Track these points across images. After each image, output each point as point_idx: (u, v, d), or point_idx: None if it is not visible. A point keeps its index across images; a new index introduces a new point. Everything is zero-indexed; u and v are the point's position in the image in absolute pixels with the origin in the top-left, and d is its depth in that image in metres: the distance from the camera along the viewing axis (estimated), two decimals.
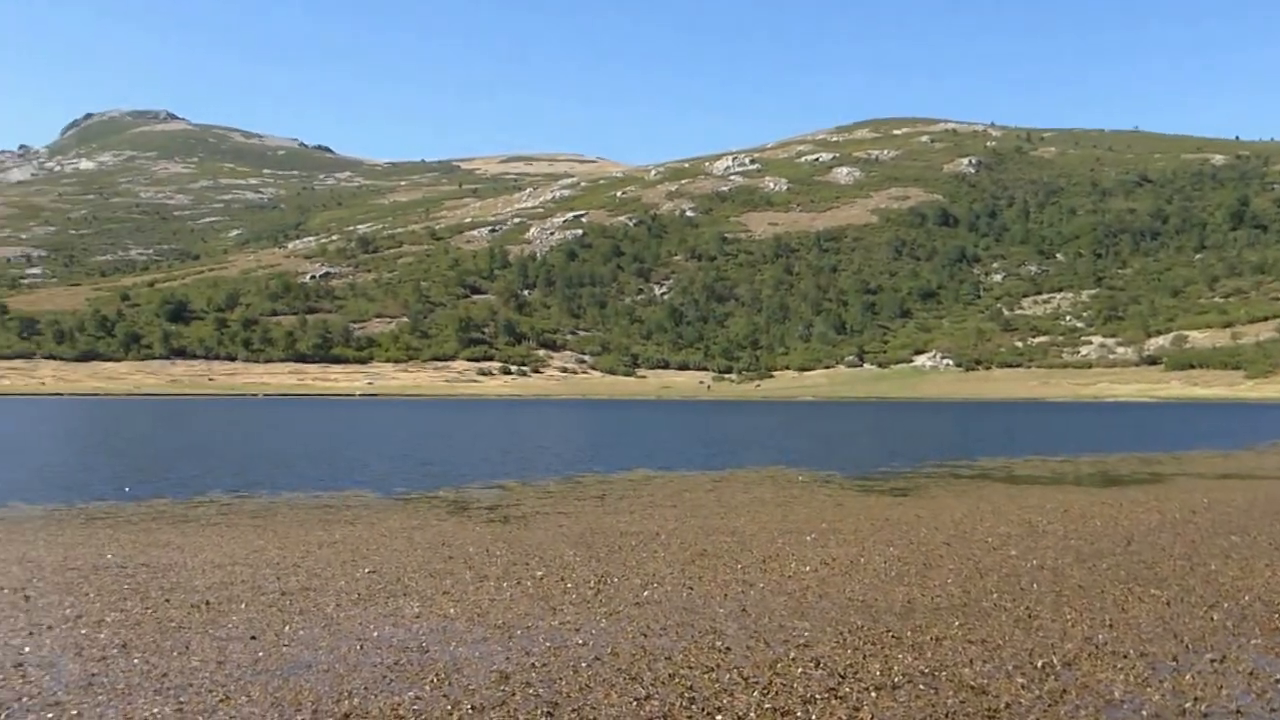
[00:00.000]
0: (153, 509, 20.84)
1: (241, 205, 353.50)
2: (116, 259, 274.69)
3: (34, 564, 14.11)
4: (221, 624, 10.65)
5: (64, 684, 8.50)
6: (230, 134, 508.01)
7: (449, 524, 18.67)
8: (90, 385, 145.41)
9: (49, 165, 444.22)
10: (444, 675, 8.79)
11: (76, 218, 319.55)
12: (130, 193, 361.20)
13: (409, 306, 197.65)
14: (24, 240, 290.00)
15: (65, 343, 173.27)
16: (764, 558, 14.84)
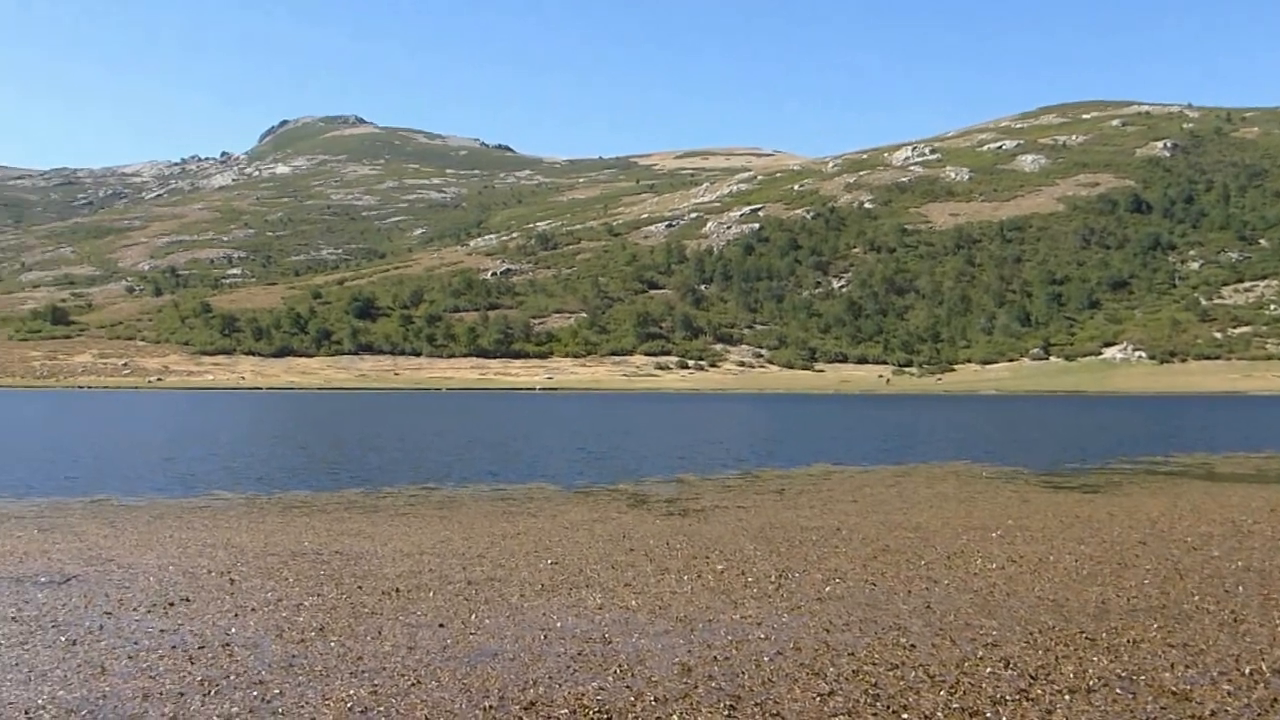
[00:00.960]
0: (344, 499, 21.61)
1: (425, 205, 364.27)
2: (309, 259, 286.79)
3: (237, 549, 14.78)
4: (411, 611, 10.92)
5: (267, 664, 8.85)
6: (414, 136, 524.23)
7: (629, 517, 18.78)
8: (285, 380, 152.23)
9: (248, 171, 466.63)
10: (627, 666, 8.80)
11: (273, 220, 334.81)
12: (321, 195, 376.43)
13: (587, 302, 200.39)
14: (225, 242, 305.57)
15: (262, 339, 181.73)
16: (948, 554, 14.44)
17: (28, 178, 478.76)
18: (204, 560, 13.81)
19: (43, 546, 14.93)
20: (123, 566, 13.31)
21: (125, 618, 10.51)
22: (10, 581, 12.28)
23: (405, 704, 7.81)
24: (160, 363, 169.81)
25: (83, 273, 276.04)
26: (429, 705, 7.79)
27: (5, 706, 7.67)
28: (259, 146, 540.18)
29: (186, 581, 12.36)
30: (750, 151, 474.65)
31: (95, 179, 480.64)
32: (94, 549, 14.72)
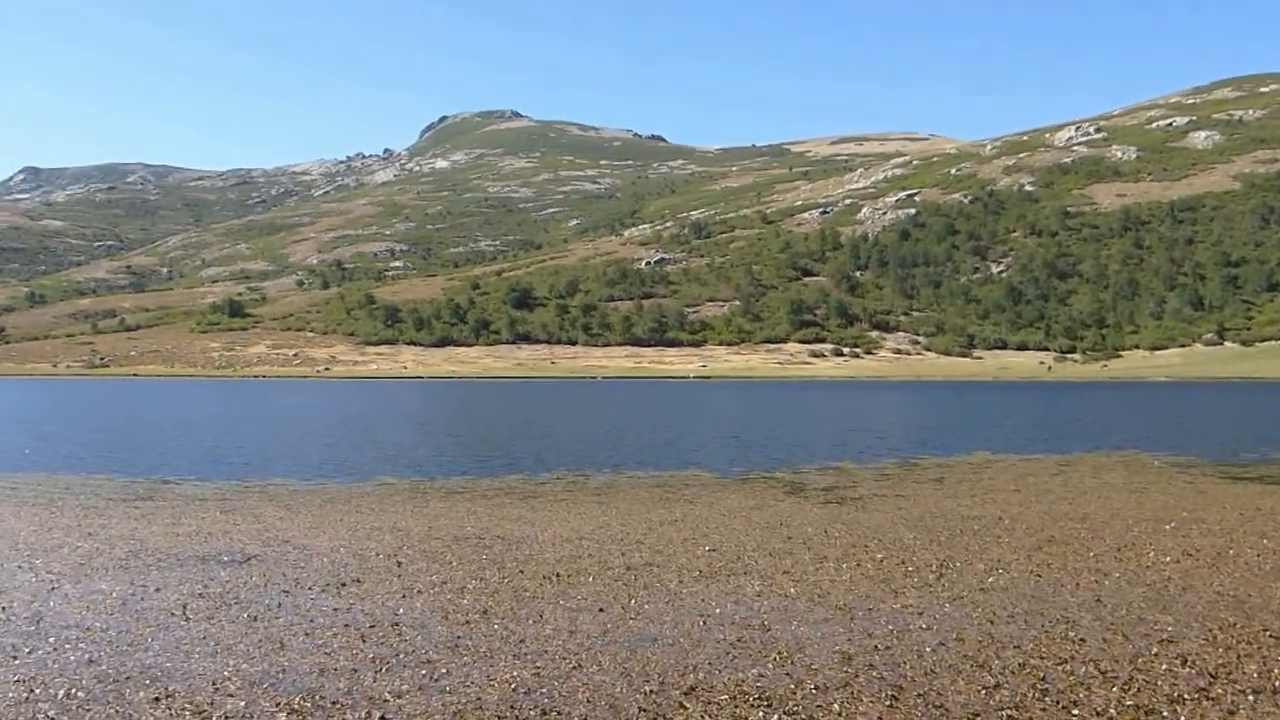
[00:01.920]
0: (504, 485, 22.04)
1: (580, 196, 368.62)
2: (468, 251, 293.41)
3: (403, 533, 15.23)
4: (571, 595, 11.08)
5: (434, 644, 9.10)
6: (568, 128, 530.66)
7: (786, 505, 18.69)
8: (445, 369, 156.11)
9: (409, 166, 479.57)
10: (786, 654, 8.76)
11: (433, 213, 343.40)
12: (479, 188, 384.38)
13: (741, 290, 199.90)
14: (388, 236, 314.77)
15: (423, 330, 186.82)
16: (1118, 546, 13.95)
17: (207, 179, 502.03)
18: (372, 543, 14.27)
19: (225, 528, 15.67)
20: (298, 548, 13.87)
21: (301, 596, 10.95)
22: (197, 560, 12.92)
23: (567, 686, 7.94)
24: (328, 353, 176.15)
25: (257, 268, 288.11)
26: (590, 688, 7.89)
27: (195, 677, 8.07)
28: (419, 142, 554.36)
29: (357, 563, 12.80)
30: (905, 136, 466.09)
31: (268, 178, 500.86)
32: (271, 531, 15.38)
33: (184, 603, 10.60)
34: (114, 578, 11.80)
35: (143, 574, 12.02)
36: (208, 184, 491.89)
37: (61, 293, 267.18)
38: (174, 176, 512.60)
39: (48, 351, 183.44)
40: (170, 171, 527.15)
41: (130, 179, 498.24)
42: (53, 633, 9.40)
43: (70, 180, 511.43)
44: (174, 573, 12.12)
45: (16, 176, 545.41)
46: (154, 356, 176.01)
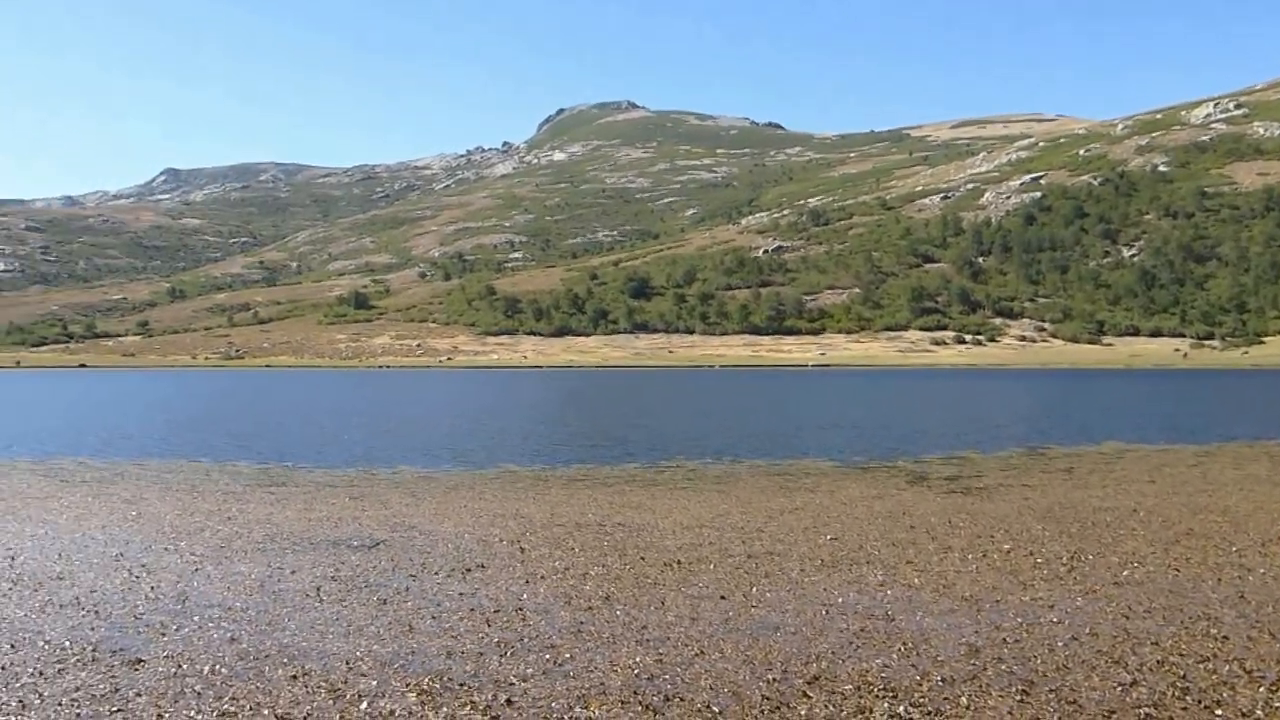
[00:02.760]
0: (625, 473, 22.18)
1: (697, 185, 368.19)
2: (585, 241, 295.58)
3: (526, 520, 15.45)
4: (692, 583, 11.12)
5: (557, 629, 9.23)
6: (685, 118, 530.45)
7: (908, 494, 18.45)
8: (564, 358, 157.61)
9: (528, 159, 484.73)
10: (911, 645, 8.67)
11: (551, 205, 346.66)
12: (597, 179, 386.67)
13: (860, 277, 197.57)
14: (507, 228, 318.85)
15: (542, 320, 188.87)
16: (1263, 540, 13.44)
17: (333, 175, 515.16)
18: (496, 529, 14.51)
19: (354, 513, 16.10)
20: (424, 533, 14.17)
21: (428, 581, 11.20)
22: (329, 545, 13.31)
23: (690, 673, 7.97)
24: (450, 343, 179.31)
25: (381, 261, 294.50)
26: (713, 675, 7.92)
27: (329, 656, 8.33)
28: (537, 135, 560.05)
29: (481, 549, 13.03)
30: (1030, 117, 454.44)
31: (391, 173, 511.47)
32: (398, 516, 15.74)
33: (318, 585, 10.94)
34: (252, 560, 12.23)
35: (279, 557, 12.44)
36: (334, 180, 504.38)
37: (199, 287, 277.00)
38: (303, 174, 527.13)
39: (187, 344, 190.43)
40: (299, 169, 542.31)
41: (262, 177, 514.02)
42: (197, 612, 9.79)
43: (207, 180, 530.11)
44: (307, 556, 12.50)
45: (158, 178, 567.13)
46: (285, 348, 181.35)
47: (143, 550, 12.88)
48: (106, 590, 10.69)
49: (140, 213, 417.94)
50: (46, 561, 12.16)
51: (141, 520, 15.33)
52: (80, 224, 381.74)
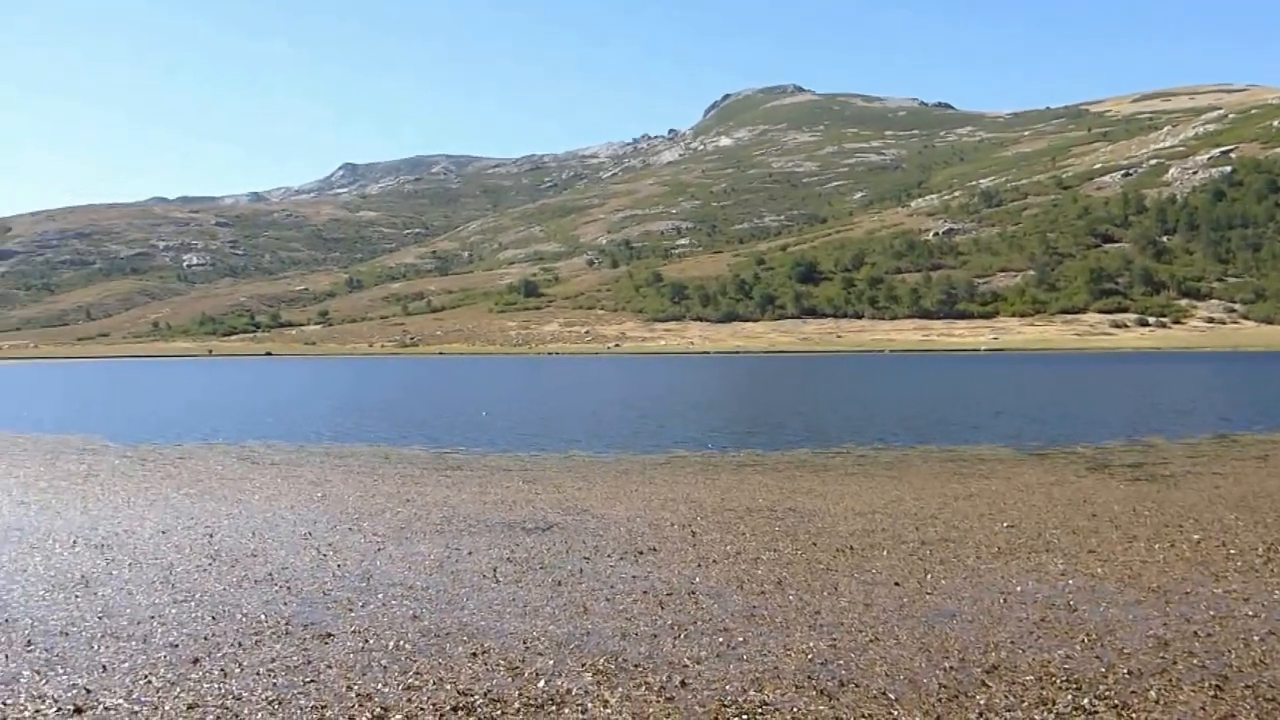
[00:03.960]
0: (794, 458, 22.06)
1: (865, 168, 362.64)
2: (752, 226, 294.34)
3: (696, 504, 15.52)
4: (866, 569, 11.00)
5: (730, 612, 9.25)
6: (852, 100, 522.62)
7: (1088, 481, 17.85)
8: (731, 344, 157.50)
9: (693, 145, 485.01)
10: (1095, 636, 8.39)
11: (717, 191, 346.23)
12: (763, 164, 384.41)
13: (1035, 259, 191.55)
14: (674, 214, 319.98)
15: (709, 305, 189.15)
16: None
17: (502, 166, 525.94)
18: (667, 513, 14.62)
19: (528, 496, 16.45)
20: (596, 517, 14.38)
21: (601, 563, 11.37)
22: (504, 527, 13.63)
23: (864, 659, 7.89)
24: (617, 329, 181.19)
25: (550, 249, 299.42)
26: (888, 662, 7.82)
27: (507, 636, 8.54)
28: (703, 121, 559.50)
29: (652, 532, 13.15)
30: (1218, 88, 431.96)
31: (559, 163, 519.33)
32: (570, 500, 16.02)
33: (494, 566, 11.21)
34: (431, 541, 12.62)
35: (456, 538, 12.80)
36: (504, 171, 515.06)
37: (376, 278, 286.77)
38: (473, 165, 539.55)
39: (364, 332, 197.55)
40: (470, 161, 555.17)
41: (434, 170, 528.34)
42: (380, 589, 10.16)
43: (382, 174, 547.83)
44: (484, 538, 12.83)
45: (337, 173, 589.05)
46: (457, 335, 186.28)
47: (329, 530, 13.43)
48: (297, 567, 11.19)
49: (320, 207, 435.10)
50: (241, 539, 12.79)
51: (327, 501, 15.98)
52: (265, 219, 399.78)
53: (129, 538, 12.91)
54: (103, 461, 21.96)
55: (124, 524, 13.94)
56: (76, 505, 15.67)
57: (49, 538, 12.92)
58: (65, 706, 6.93)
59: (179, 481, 18.51)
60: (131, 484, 18.18)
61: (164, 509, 15.27)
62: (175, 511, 15.03)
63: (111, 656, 8.00)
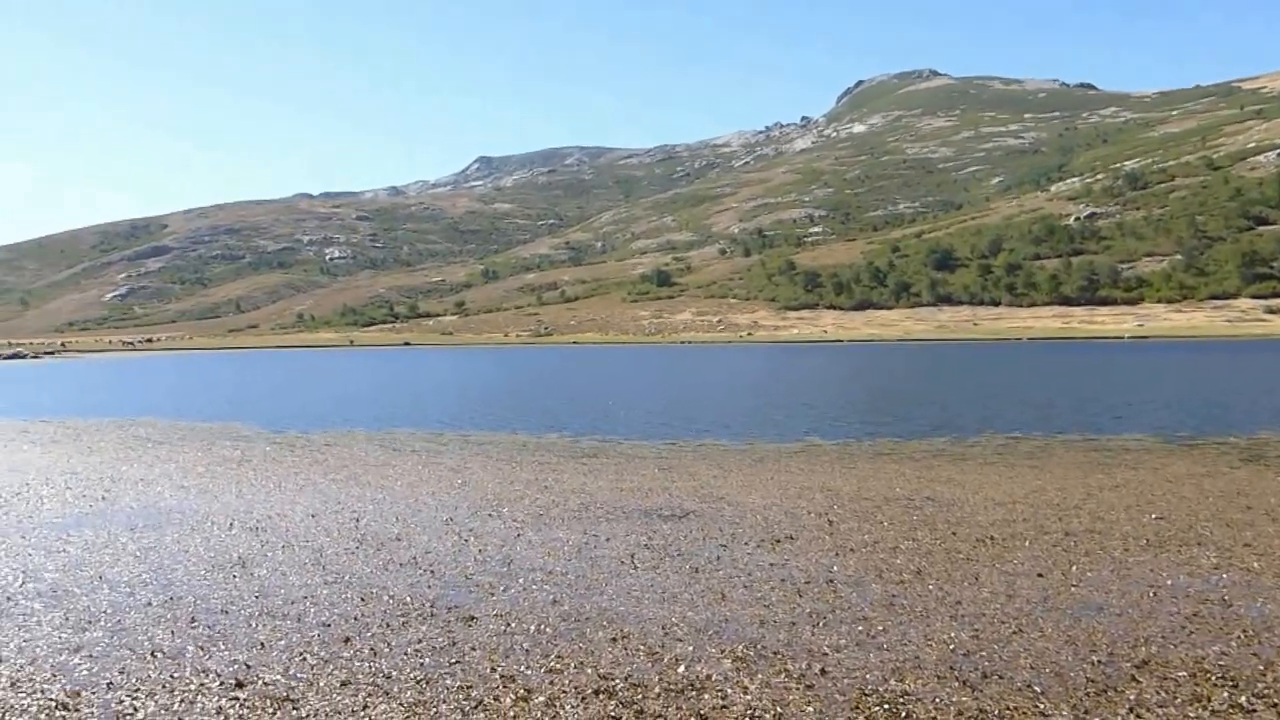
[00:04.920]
0: (932, 447, 21.72)
1: (1002, 152, 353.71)
2: (886, 214, 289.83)
3: (833, 493, 15.43)
4: (1007, 559, 10.81)
5: (869, 601, 9.20)
6: (989, 83, 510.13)
7: (1243, 472, 17.18)
8: (865, 332, 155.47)
9: (826, 132, 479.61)
10: (1252, 632, 8.11)
11: (851, 178, 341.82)
12: (898, 150, 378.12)
13: (1183, 243, 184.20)
14: (807, 202, 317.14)
15: (843, 294, 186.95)
16: None
17: (635, 156, 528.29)
18: (803, 502, 14.56)
19: (664, 484, 16.55)
20: (732, 505, 14.41)
21: (738, 551, 11.39)
22: (640, 514, 13.76)
23: (1008, 651, 7.77)
24: (750, 318, 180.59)
25: (682, 238, 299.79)
26: (1032, 654, 7.69)
27: (646, 621, 8.64)
28: (836, 108, 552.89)
29: (789, 521, 13.12)
30: None
31: (691, 152, 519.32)
32: (706, 488, 16.07)
33: (631, 552, 11.34)
34: (569, 527, 12.81)
35: (594, 525, 12.97)
36: (636, 161, 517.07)
37: (510, 269, 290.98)
38: (605, 157, 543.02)
39: (500, 322, 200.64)
40: (602, 152, 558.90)
41: (568, 161, 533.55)
42: (521, 574, 10.37)
43: (516, 166, 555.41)
44: (621, 524, 12.97)
45: (472, 166, 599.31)
46: (591, 325, 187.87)
47: (469, 516, 13.73)
48: (439, 552, 11.48)
49: (456, 199, 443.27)
50: (386, 524, 13.17)
51: (467, 488, 16.33)
52: (404, 212, 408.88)
53: (281, 521, 13.42)
54: (254, 448, 22.81)
55: (276, 508, 14.48)
56: (231, 490, 16.32)
57: (207, 520, 13.50)
58: (227, 680, 7.26)
59: (326, 468, 19.13)
60: (282, 470, 18.85)
61: (313, 494, 15.81)
62: (323, 496, 15.54)
63: (269, 634, 8.34)
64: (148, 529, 12.89)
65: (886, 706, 6.70)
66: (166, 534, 12.55)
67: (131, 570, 10.61)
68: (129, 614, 8.96)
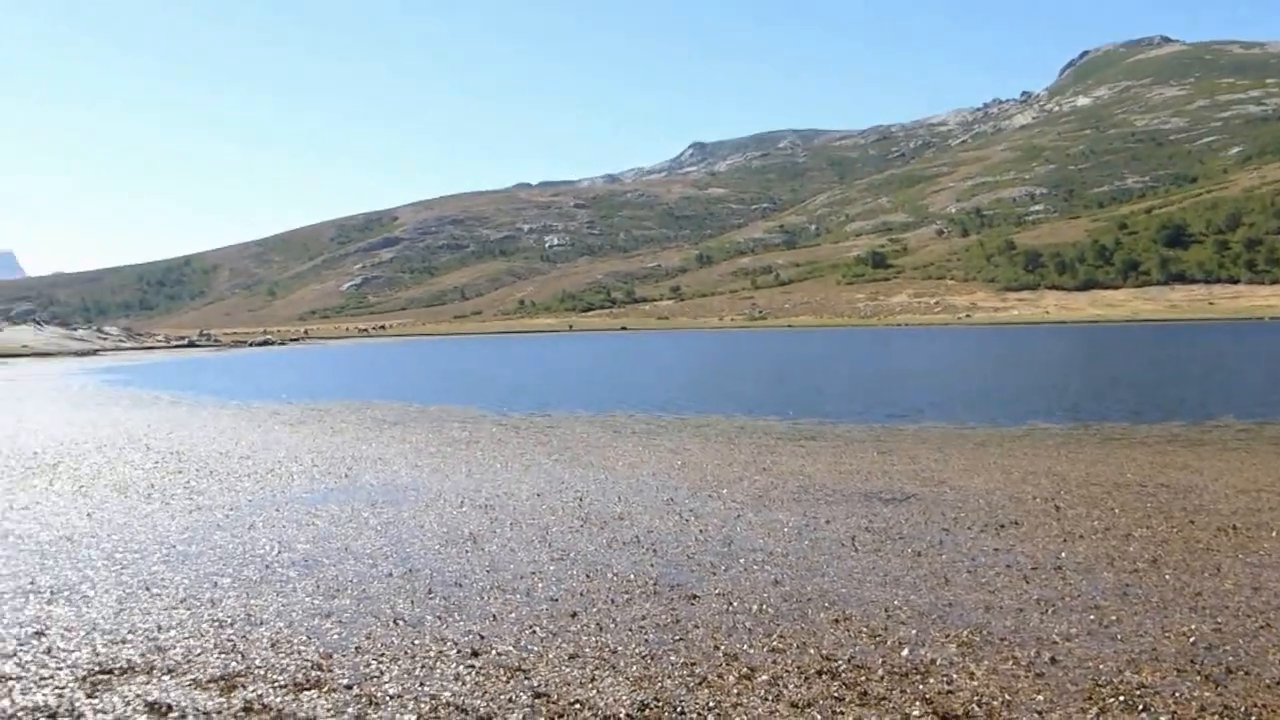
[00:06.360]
0: (1166, 432, 20.75)
1: (1241, 121, 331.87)
2: (1113, 189, 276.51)
3: (1059, 478, 14.94)
4: (1252, 550, 10.26)
5: (1100, 590, 8.89)
6: (1227, 48, 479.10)
7: None
8: (1089, 313, 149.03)
9: (1048, 107, 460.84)
10: None
11: (1074, 153, 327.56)
12: (1126, 123, 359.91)
13: None
14: (1027, 180, 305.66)
15: (1066, 273, 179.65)
16: None
17: (849, 138, 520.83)
18: (1028, 487, 14.16)
19: (883, 467, 16.37)
20: (954, 489, 14.14)
21: (961, 535, 11.19)
22: (860, 496, 13.66)
23: (1255, 646, 7.39)
24: (968, 299, 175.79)
25: (897, 220, 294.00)
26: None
27: (868, 604, 8.59)
28: (1059, 81, 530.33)
29: (1014, 506, 12.79)
30: None
31: (906, 132, 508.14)
32: (926, 471, 15.81)
33: (852, 535, 11.28)
34: (788, 509, 12.84)
35: (813, 507, 12.95)
36: (850, 143, 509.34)
37: (724, 253, 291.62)
38: (819, 139, 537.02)
39: (714, 306, 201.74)
40: (816, 135, 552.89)
41: (781, 145, 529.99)
42: (742, 555, 10.46)
43: (729, 151, 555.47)
44: (840, 507, 12.91)
45: (686, 152, 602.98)
46: (805, 308, 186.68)
47: (689, 496, 13.92)
48: (661, 531, 11.69)
49: (671, 185, 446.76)
50: (609, 504, 13.50)
51: (686, 469, 16.55)
52: (620, 199, 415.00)
53: (508, 499, 13.92)
54: (481, 430, 23.69)
55: (503, 487, 15.03)
56: (461, 469, 17.02)
57: (440, 498, 14.14)
58: (464, 649, 7.61)
59: (549, 448, 19.70)
60: (508, 450, 19.53)
61: (538, 474, 16.32)
62: (548, 476, 16.03)
63: (500, 607, 8.70)
64: (386, 505, 13.60)
65: (1122, 698, 6.48)
66: (404, 510, 13.21)
67: (373, 543, 11.23)
68: (372, 584, 9.50)
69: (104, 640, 7.91)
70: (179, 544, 11.34)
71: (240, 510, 13.35)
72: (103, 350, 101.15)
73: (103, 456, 19.19)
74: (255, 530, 12.03)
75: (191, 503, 13.99)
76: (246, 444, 21.12)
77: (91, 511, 13.39)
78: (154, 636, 7.98)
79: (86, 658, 7.51)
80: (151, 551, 10.99)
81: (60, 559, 10.67)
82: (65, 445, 21.18)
